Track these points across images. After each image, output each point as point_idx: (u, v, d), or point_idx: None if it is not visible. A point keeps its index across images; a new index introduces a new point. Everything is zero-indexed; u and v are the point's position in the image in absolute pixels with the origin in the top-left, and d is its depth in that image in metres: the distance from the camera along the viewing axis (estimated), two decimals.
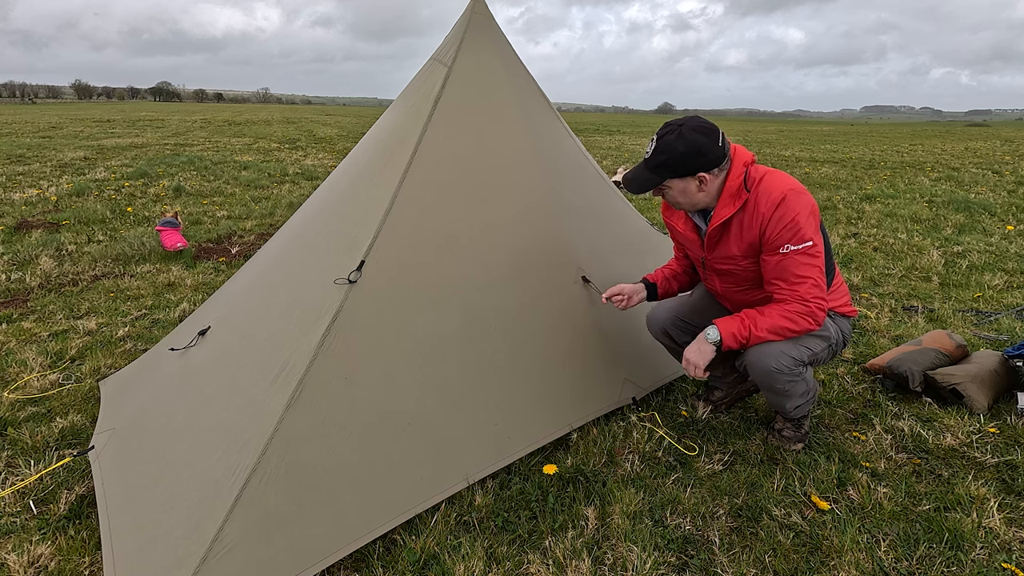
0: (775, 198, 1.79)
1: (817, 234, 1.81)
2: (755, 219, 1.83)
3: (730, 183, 1.85)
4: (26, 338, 3.11)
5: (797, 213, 1.77)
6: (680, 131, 1.82)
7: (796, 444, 2.13)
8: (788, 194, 1.78)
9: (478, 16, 2.39)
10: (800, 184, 1.85)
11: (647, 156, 1.87)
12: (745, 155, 1.88)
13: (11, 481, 1.96)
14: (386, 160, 2.17)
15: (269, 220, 6.12)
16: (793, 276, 1.80)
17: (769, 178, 1.84)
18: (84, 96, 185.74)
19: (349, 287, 1.83)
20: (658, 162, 1.84)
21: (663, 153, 1.82)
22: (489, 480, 1.92)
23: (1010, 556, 1.64)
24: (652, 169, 1.87)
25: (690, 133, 1.81)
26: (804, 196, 1.81)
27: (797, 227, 1.77)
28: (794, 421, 2.14)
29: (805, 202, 1.80)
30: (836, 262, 2.10)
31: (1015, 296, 3.82)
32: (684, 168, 1.83)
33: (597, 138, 20.55)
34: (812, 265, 1.79)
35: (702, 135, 1.82)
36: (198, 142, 14.64)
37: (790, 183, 1.82)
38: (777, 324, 1.83)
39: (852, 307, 2.10)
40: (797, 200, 1.78)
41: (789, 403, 2.03)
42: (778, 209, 1.78)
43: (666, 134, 1.83)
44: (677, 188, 1.88)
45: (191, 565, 1.39)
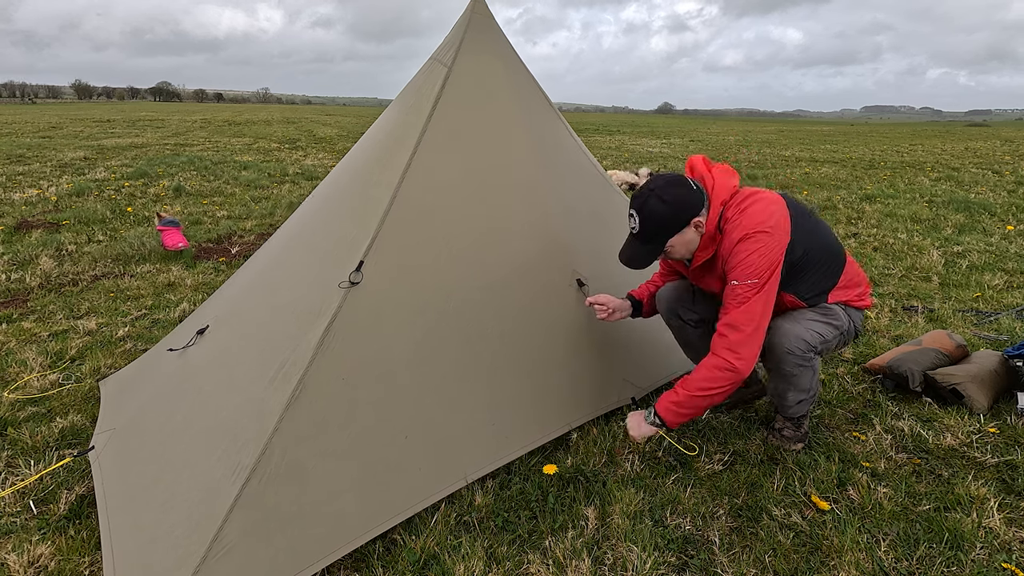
0: (735, 237, 1.81)
1: (769, 277, 1.79)
2: (722, 256, 1.87)
3: (708, 227, 1.86)
4: (26, 338, 3.11)
5: (750, 253, 1.78)
6: (654, 193, 1.83)
7: (796, 444, 2.13)
8: (749, 235, 1.79)
9: (478, 16, 2.39)
10: (774, 221, 1.82)
11: (636, 231, 1.87)
12: (722, 191, 1.87)
13: (11, 481, 1.96)
14: (385, 160, 2.16)
15: (269, 220, 6.12)
16: (733, 316, 1.81)
17: (740, 218, 1.83)
18: (84, 96, 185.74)
19: (349, 287, 1.83)
20: (651, 231, 1.85)
21: (651, 220, 1.83)
22: (489, 480, 1.92)
23: (1010, 556, 1.64)
24: (649, 240, 1.87)
25: (665, 191, 1.82)
26: (766, 237, 1.79)
27: (748, 265, 1.79)
28: (794, 420, 2.14)
29: (764, 243, 1.79)
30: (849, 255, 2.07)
31: (1015, 296, 3.82)
32: (678, 223, 1.84)
33: (597, 138, 20.56)
34: (749, 308, 1.79)
35: (677, 187, 1.83)
36: (198, 142, 14.64)
37: (758, 222, 1.80)
38: (700, 384, 1.82)
39: (867, 299, 2.07)
40: (756, 241, 1.79)
41: (792, 394, 2.03)
42: (736, 246, 1.81)
43: (644, 203, 1.83)
44: (679, 243, 1.87)
45: (191, 565, 1.39)
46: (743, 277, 1.80)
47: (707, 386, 1.82)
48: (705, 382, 1.82)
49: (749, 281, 1.79)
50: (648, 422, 1.93)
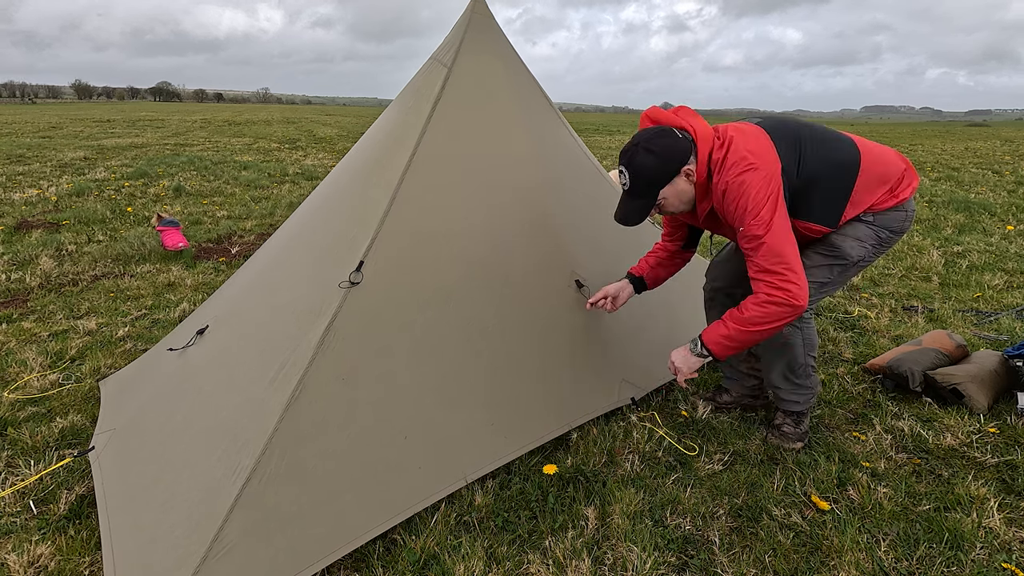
0: (721, 186, 1.78)
1: (773, 210, 1.73)
2: (717, 207, 1.85)
3: (700, 177, 1.82)
4: (26, 338, 3.11)
5: (742, 195, 1.73)
6: (640, 146, 1.80)
7: (795, 443, 2.13)
8: (735, 177, 1.74)
9: (478, 16, 2.39)
10: (755, 155, 1.76)
11: (627, 187, 1.85)
12: (706, 137, 1.82)
13: (11, 481, 1.96)
14: (385, 160, 2.16)
15: (269, 220, 6.12)
16: (759, 261, 1.76)
17: (723, 165, 1.78)
18: (84, 96, 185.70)
19: (349, 287, 1.83)
20: (641, 184, 1.82)
21: (641, 173, 1.81)
22: (489, 480, 1.92)
23: (1010, 556, 1.64)
24: (640, 193, 1.84)
25: (652, 141, 1.80)
26: (752, 174, 1.73)
27: (745, 208, 1.74)
28: (794, 417, 2.13)
29: (752, 180, 1.73)
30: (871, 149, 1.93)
31: (1015, 296, 3.82)
32: (667, 173, 1.81)
33: (597, 138, 20.55)
34: (769, 248, 1.73)
35: (663, 137, 1.80)
36: (198, 142, 14.63)
37: (739, 162, 1.75)
38: (756, 317, 1.77)
39: (904, 191, 1.92)
40: (743, 182, 1.74)
41: (781, 367, 2.05)
42: (727, 194, 1.77)
43: (632, 157, 1.81)
44: (671, 194, 1.85)
45: (191, 565, 1.39)
46: (747, 221, 1.74)
47: (763, 320, 1.76)
48: (761, 317, 1.75)
49: (754, 223, 1.73)
50: (695, 354, 1.91)
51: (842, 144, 1.92)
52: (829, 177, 1.87)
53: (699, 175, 1.82)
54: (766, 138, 1.82)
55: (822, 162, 1.86)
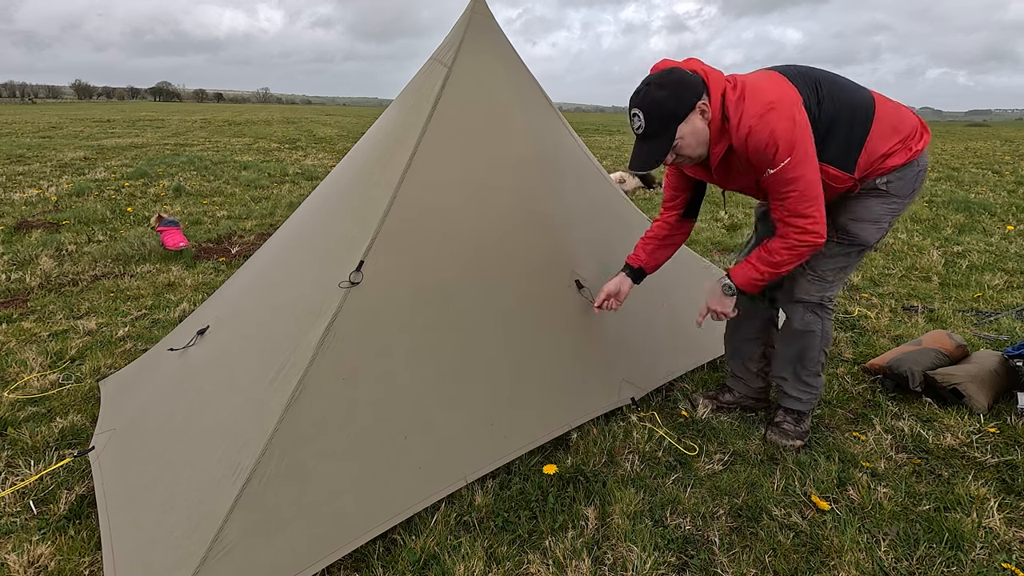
0: (745, 127, 1.72)
1: (805, 146, 1.71)
2: (739, 151, 1.79)
3: (714, 116, 1.76)
4: (26, 338, 3.11)
5: (770, 133, 1.69)
6: (651, 84, 1.75)
7: (795, 441, 2.12)
8: (760, 116, 1.70)
9: (478, 16, 2.39)
10: (776, 92, 1.74)
11: (642, 129, 1.77)
12: (718, 79, 1.79)
13: (11, 481, 1.96)
14: (385, 160, 2.16)
15: (269, 220, 6.12)
16: (791, 205, 1.75)
17: (743, 104, 1.73)
18: (84, 96, 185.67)
19: (349, 287, 1.83)
20: (657, 121, 1.75)
21: (655, 109, 1.74)
22: (489, 480, 1.92)
23: (1010, 556, 1.65)
24: (657, 132, 1.76)
25: (662, 77, 1.75)
26: (776, 113, 1.70)
27: (773, 146, 1.69)
28: (795, 415, 2.13)
29: (778, 117, 1.69)
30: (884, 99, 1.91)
31: (1015, 296, 3.82)
32: (683, 106, 1.74)
33: (597, 138, 20.55)
34: (802, 188, 1.72)
35: (671, 73, 1.75)
36: (198, 142, 14.64)
37: (762, 102, 1.71)
38: (784, 259, 1.83)
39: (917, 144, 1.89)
40: (768, 120, 1.69)
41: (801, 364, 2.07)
42: (751, 136, 1.72)
43: (644, 96, 1.75)
44: (688, 133, 1.76)
45: (191, 565, 1.39)
46: (777, 161, 1.70)
47: (792, 262, 1.83)
48: (790, 259, 1.82)
49: (784, 161, 1.69)
50: (728, 295, 1.97)
51: (859, 90, 1.90)
52: (846, 120, 1.83)
53: (713, 114, 1.76)
54: (781, 77, 1.80)
55: (839, 103, 1.83)
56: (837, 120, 1.82)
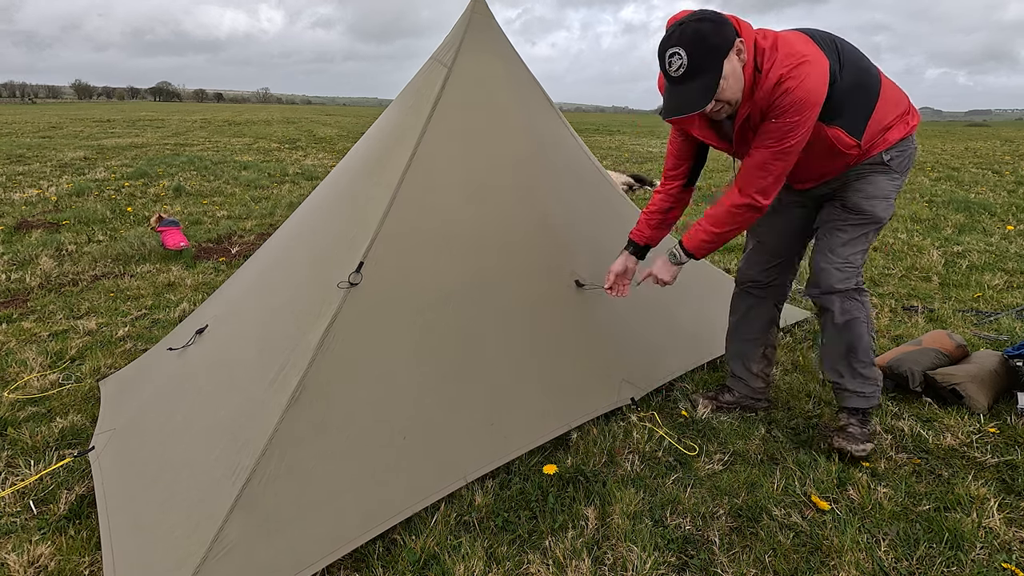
0: (772, 81, 1.68)
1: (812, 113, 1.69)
2: (760, 105, 1.74)
3: (747, 63, 1.70)
4: (26, 338, 3.11)
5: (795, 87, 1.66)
6: (688, 21, 1.66)
7: (865, 444, 2.00)
8: (792, 67, 1.66)
9: (478, 16, 2.39)
10: (810, 48, 1.71)
11: (684, 67, 1.65)
12: (747, 27, 1.73)
13: (11, 481, 1.96)
14: (385, 160, 2.16)
15: (269, 220, 6.12)
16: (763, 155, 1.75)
17: (775, 54, 1.69)
18: (84, 96, 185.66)
19: (348, 288, 1.83)
20: (701, 55, 1.63)
21: (699, 45, 1.63)
22: (489, 480, 1.92)
23: (1010, 556, 1.64)
24: (700, 68, 1.64)
25: (698, 14, 1.67)
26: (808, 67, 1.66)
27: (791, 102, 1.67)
28: (859, 415, 2.05)
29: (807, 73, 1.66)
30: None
31: (1015, 296, 3.82)
32: (726, 40, 1.65)
33: (597, 138, 20.55)
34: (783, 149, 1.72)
35: (703, 10, 1.68)
36: (198, 142, 14.63)
37: (794, 52, 1.68)
38: (727, 223, 1.88)
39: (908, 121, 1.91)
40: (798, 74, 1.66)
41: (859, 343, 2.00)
42: (779, 85, 1.68)
43: (682, 32, 1.64)
44: (729, 72, 1.67)
45: (191, 565, 1.39)
46: (786, 113, 1.67)
47: (735, 225, 1.88)
48: (733, 221, 1.86)
49: (792, 118, 1.67)
50: (674, 263, 2.02)
51: (867, 59, 1.88)
52: (862, 87, 1.82)
53: (747, 60, 1.69)
54: (809, 38, 1.77)
55: (857, 70, 1.81)
56: (855, 86, 1.80)
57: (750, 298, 2.32)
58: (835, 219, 2.00)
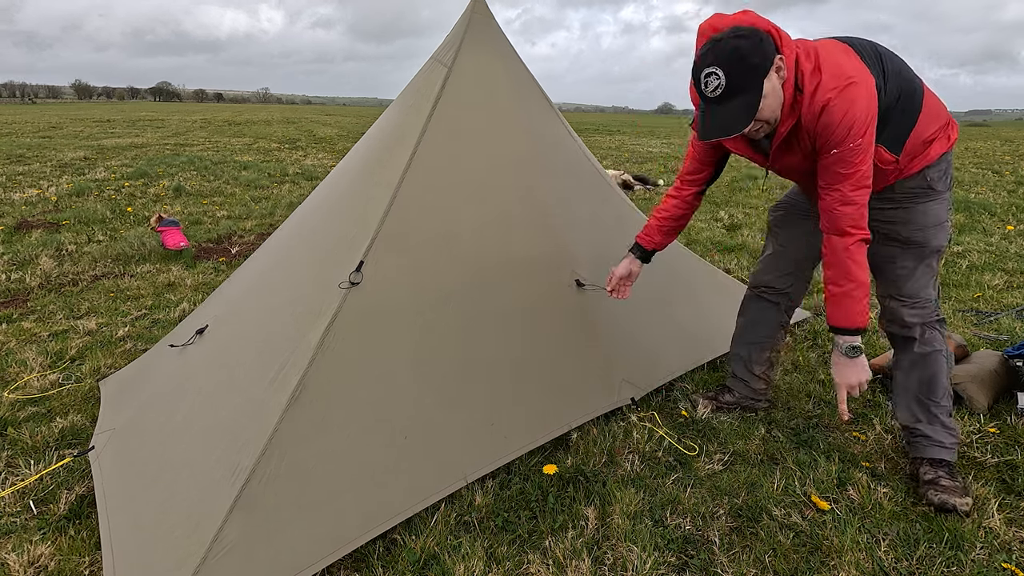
0: (817, 107, 1.58)
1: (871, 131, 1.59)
2: (806, 127, 1.64)
3: (787, 81, 1.59)
4: (26, 338, 3.11)
5: (846, 111, 1.55)
6: (725, 37, 1.54)
7: (966, 498, 1.78)
8: (838, 90, 1.56)
9: (478, 16, 2.39)
10: (854, 65, 1.61)
11: (721, 88, 1.54)
12: (789, 41, 1.61)
13: (11, 481, 1.96)
14: (385, 160, 2.17)
15: (269, 220, 6.12)
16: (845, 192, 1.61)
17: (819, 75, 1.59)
18: (84, 96, 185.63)
19: (349, 287, 1.83)
20: (741, 75, 1.53)
21: (739, 63, 1.52)
22: (489, 480, 1.92)
23: (1010, 556, 1.64)
24: (740, 88, 1.54)
25: (735, 30, 1.55)
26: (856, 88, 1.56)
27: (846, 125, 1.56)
28: (946, 467, 1.87)
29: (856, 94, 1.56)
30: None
31: (1015, 296, 3.83)
32: (766, 60, 1.54)
33: (597, 138, 20.56)
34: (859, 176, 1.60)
35: (743, 26, 1.56)
36: (198, 142, 14.64)
37: (841, 74, 1.57)
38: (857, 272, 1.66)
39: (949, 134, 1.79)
40: (847, 96, 1.56)
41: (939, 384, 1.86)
42: (825, 110, 1.58)
43: (720, 50, 1.53)
44: (769, 91, 1.57)
45: (191, 565, 1.39)
46: (848, 143, 1.56)
47: (859, 263, 1.65)
48: (855, 261, 1.65)
49: (852, 144, 1.56)
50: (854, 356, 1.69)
51: (910, 68, 1.76)
52: (906, 100, 1.71)
53: (787, 78, 1.59)
54: (852, 50, 1.66)
55: (901, 81, 1.71)
56: (898, 100, 1.70)
57: (762, 302, 2.28)
58: (893, 254, 1.86)
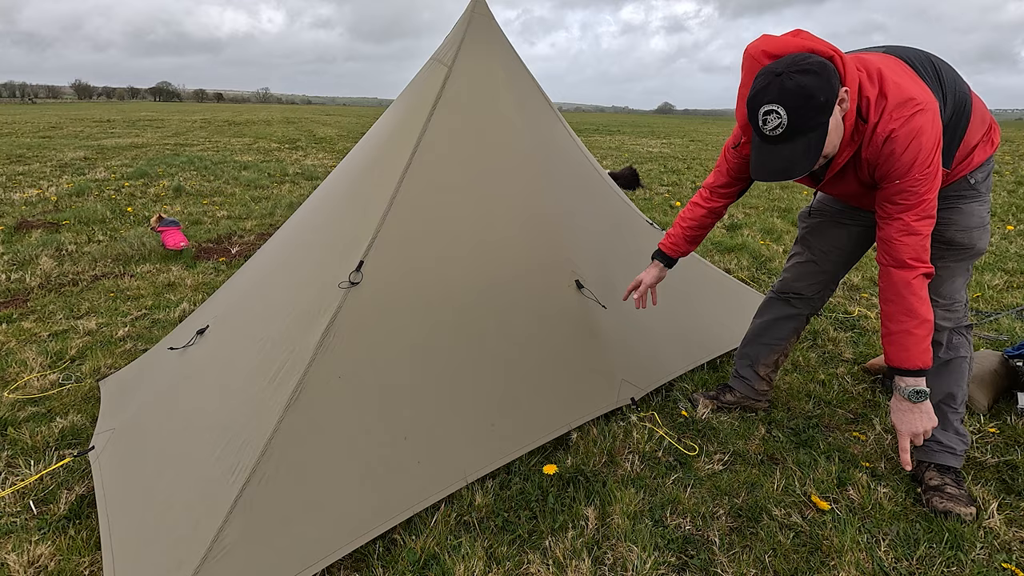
0: (881, 137, 1.50)
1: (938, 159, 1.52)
2: (867, 158, 1.57)
3: (851, 111, 1.50)
4: (26, 338, 3.11)
5: (911, 141, 1.48)
6: (788, 72, 1.42)
7: (970, 507, 1.78)
8: (904, 120, 1.47)
9: (479, 16, 2.39)
10: (918, 89, 1.52)
11: (783, 127, 1.44)
12: (851, 66, 1.49)
13: (11, 481, 1.96)
14: (385, 160, 2.17)
15: (269, 220, 6.12)
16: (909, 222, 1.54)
17: (882, 104, 1.50)
18: (84, 96, 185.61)
19: (348, 287, 1.83)
20: (805, 115, 1.42)
21: (803, 103, 1.41)
22: (489, 480, 1.92)
23: (1010, 556, 1.65)
24: (803, 128, 1.44)
25: (801, 62, 1.42)
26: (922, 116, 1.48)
27: (913, 156, 1.49)
28: (952, 474, 1.86)
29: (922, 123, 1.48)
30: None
31: (1015, 296, 3.83)
32: (832, 95, 1.43)
33: (597, 138, 20.56)
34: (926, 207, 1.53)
35: (809, 57, 1.44)
36: (198, 142, 14.64)
37: (907, 100, 1.48)
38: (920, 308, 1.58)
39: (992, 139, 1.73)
40: (913, 125, 1.47)
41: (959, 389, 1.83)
42: (888, 145, 1.50)
43: (782, 87, 1.42)
44: (832, 127, 1.48)
45: (191, 565, 1.39)
46: (915, 174, 1.49)
47: (921, 297, 1.58)
48: (921, 304, 1.58)
49: (923, 176, 1.49)
50: (918, 401, 1.61)
51: (958, 73, 1.69)
52: (959, 111, 1.64)
53: (850, 110, 1.50)
54: (911, 69, 1.59)
55: (957, 94, 1.64)
56: (953, 114, 1.64)
57: (788, 308, 2.24)
58: (935, 255, 1.76)
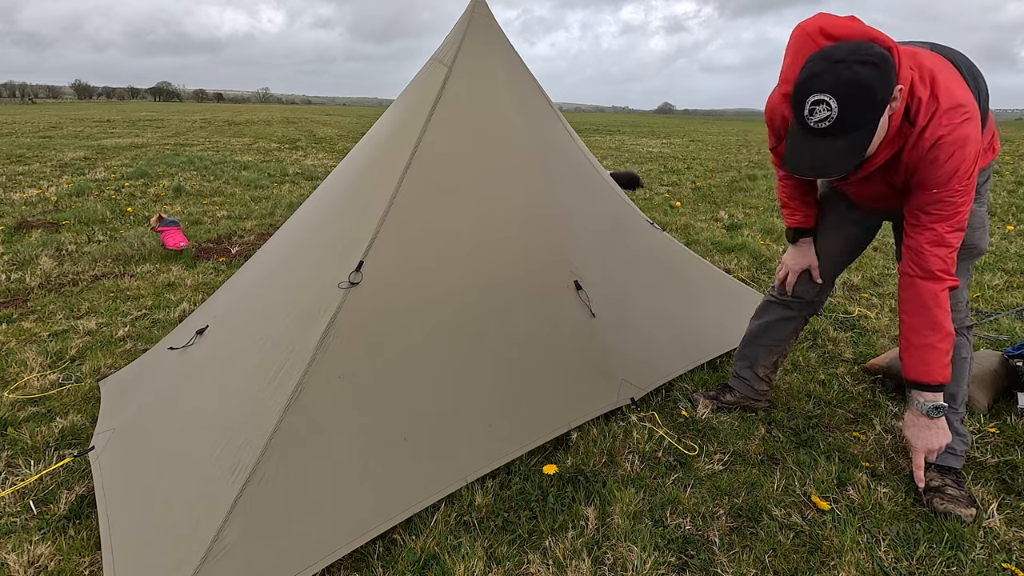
0: (928, 142, 1.44)
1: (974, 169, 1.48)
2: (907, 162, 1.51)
3: (898, 110, 1.42)
4: (26, 338, 3.11)
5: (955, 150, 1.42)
6: (849, 60, 1.32)
7: (971, 508, 1.76)
8: (945, 136, 1.41)
9: (479, 16, 2.39)
10: (966, 94, 1.45)
11: (831, 120, 1.34)
12: (905, 64, 1.41)
13: (11, 481, 1.96)
14: (385, 160, 2.17)
15: (269, 220, 6.12)
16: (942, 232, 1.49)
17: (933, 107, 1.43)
18: (84, 96, 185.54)
19: (348, 287, 1.83)
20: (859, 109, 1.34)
21: (859, 96, 1.32)
22: (489, 480, 1.92)
23: (1010, 556, 1.64)
24: (853, 124, 1.35)
25: (864, 51, 1.33)
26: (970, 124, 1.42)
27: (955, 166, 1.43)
28: (953, 475, 1.85)
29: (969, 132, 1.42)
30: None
31: (1015, 296, 3.83)
32: (888, 93, 1.35)
33: (597, 138, 20.56)
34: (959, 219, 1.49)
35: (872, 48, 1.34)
36: (198, 142, 14.64)
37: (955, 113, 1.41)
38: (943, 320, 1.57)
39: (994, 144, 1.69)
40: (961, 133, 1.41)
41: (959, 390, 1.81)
42: (933, 151, 1.44)
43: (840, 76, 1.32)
44: (880, 125, 1.41)
45: (191, 565, 1.39)
46: (954, 184, 1.44)
47: (948, 313, 1.56)
48: (946, 317, 1.56)
49: (962, 187, 1.44)
50: (935, 417, 1.62)
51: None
52: (983, 119, 1.59)
53: (898, 110, 1.41)
54: (960, 76, 1.52)
55: (986, 98, 1.59)
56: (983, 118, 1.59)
57: (788, 311, 2.24)
58: None
